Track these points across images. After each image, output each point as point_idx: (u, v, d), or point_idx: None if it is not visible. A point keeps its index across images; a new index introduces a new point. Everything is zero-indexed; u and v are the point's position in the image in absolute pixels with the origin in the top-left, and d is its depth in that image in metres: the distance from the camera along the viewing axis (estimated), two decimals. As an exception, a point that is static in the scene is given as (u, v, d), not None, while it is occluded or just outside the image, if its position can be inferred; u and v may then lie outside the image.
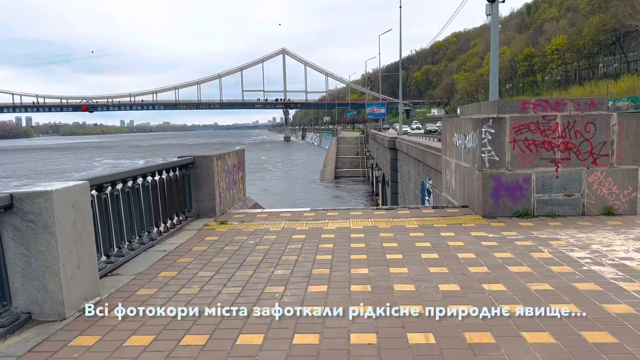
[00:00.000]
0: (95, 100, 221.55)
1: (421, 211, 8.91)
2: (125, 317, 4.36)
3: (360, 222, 8.11)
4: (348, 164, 72.67)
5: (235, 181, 10.46)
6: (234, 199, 10.27)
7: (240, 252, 6.46)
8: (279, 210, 9.40)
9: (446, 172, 11.01)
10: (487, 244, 6.48)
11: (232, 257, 6.26)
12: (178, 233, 7.72)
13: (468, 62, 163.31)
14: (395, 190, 29.28)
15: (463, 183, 9.40)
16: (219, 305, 4.50)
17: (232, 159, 10.22)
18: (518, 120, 8.03)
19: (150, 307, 4.46)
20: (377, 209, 9.19)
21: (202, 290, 5.03)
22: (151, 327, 4.16)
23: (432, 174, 16.16)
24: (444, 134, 11.39)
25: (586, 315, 4.12)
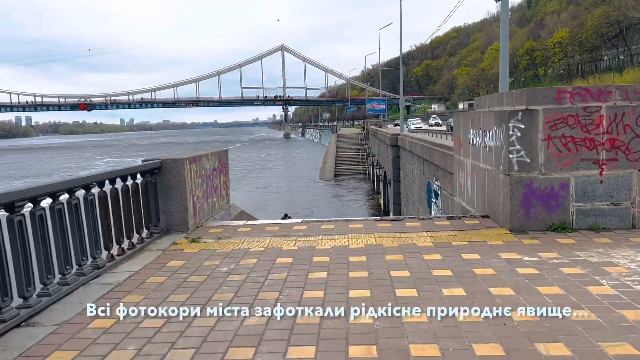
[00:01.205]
0: (93, 98, 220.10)
1: (434, 223, 7.45)
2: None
3: (362, 239, 6.65)
4: (348, 161, 71.21)
5: (216, 187, 9.01)
6: (213, 208, 8.81)
7: (207, 287, 4.99)
8: (265, 223, 7.94)
9: (459, 174, 9.55)
10: (525, 272, 5.03)
11: (194, 294, 4.80)
12: (138, 255, 6.27)
13: (468, 57, 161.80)
14: (398, 190, 27.78)
15: (482, 188, 7.94)
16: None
17: (211, 161, 8.76)
18: (553, 113, 6.56)
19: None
20: (382, 220, 7.75)
21: (140, 355, 3.57)
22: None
23: (440, 174, 14.69)
24: (456, 129, 9.92)
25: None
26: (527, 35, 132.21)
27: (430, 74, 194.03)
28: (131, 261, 6.02)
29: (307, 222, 7.83)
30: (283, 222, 7.91)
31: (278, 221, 8.10)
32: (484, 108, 8.62)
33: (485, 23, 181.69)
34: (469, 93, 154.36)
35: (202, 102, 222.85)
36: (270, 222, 7.95)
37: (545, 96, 6.71)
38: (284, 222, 7.91)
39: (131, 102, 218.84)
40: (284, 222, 7.91)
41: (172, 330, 3.95)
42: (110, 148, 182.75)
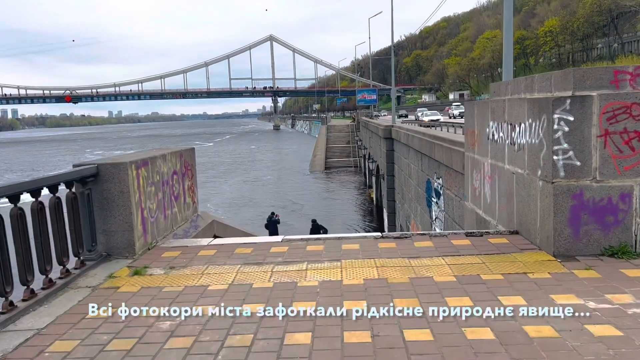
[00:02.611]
0: (79, 90, 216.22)
1: (450, 242, 5.82)
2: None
3: (359, 269, 5.02)
4: (339, 153, 69.54)
5: (178, 195, 7.33)
6: (174, 222, 7.15)
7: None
8: (235, 243, 6.27)
9: (474, 175, 7.93)
10: (601, 334, 3.42)
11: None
12: (56, 297, 4.60)
13: (459, 47, 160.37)
14: (392, 185, 26.15)
15: (508, 196, 6.33)
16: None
17: (170, 163, 7.07)
18: (612, 101, 4.95)
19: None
20: (383, 237, 6.12)
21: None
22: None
23: (442, 172, 13.08)
24: (468, 121, 8.30)
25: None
26: (517, 24, 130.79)
27: (420, 64, 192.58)
28: (42, 309, 4.35)
29: (288, 241, 6.19)
30: (258, 242, 6.26)
31: (252, 240, 6.43)
32: (505, 95, 6.99)
33: (475, 12, 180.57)
34: (459, 83, 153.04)
35: (190, 93, 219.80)
36: (242, 242, 6.28)
37: (597, 78, 5.09)
38: (259, 242, 6.26)
39: (117, 94, 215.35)
40: (260, 242, 6.25)
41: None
42: (99, 141, 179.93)
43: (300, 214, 37.75)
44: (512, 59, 17.48)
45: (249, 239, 6.43)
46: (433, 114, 47.02)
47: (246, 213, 39.92)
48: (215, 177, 63.81)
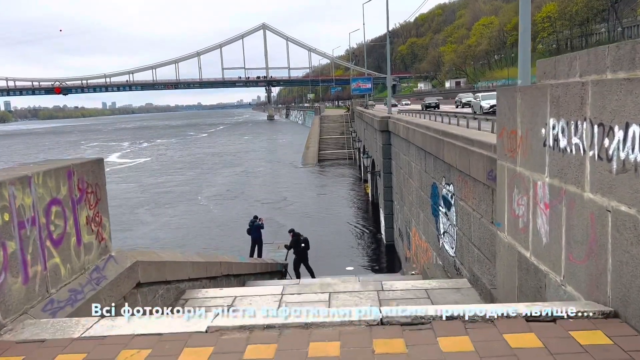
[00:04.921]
0: (69, 82, 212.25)
1: (500, 335, 3.23)
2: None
3: None
4: (332, 145, 66.83)
5: (62, 237, 4.71)
6: (53, 281, 4.54)
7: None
8: (128, 334, 3.65)
9: (516, 198, 5.32)
10: None
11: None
12: None
13: (454, 34, 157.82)
14: (389, 184, 23.49)
15: (593, 246, 3.74)
16: None
17: (43, 189, 4.45)
18: None
19: None
20: (383, 325, 3.54)
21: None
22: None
23: (453, 177, 10.46)
24: (503, 116, 5.69)
25: None
26: (514, 10, 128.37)
27: (415, 52, 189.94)
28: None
29: (219, 330, 3.58)
30: (167, 332, 3.64)
31: (157, 329, 3.78)
32: (572, 75, 4.37)
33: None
34: (455, 71, 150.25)
35: (182, 84, 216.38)
36: (139, 332, 3.66)
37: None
38: (168, 332, 3.64)
39: (108, 85, 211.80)
40: (170, 332, 3.63)
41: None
42: (95, 133, 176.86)
43: (289, 212, 35.21)
44: (529, 34, 14.81)
45: (154, 325, 3.79)
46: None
47: (234, 207, 37.54)
48: (210, 169, 61.48)
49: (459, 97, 43.82)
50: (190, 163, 68.03)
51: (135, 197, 44.42)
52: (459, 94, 48.40)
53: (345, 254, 25.45)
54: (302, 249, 18.03)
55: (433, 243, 13.63)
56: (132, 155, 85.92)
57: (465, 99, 40.98)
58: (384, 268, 23.33)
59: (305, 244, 18.10)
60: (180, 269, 7.48)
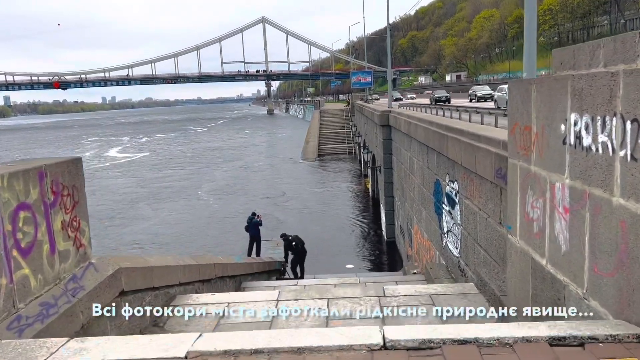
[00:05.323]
0: (67, 76, 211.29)
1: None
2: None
3: None
4: (332, 139, 66.29)
5: (32, 245, 4.28)
6: (21, 294, 4.11)
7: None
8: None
9: (530, 200, 4.89)
10: None
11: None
12: None
13: (455, 27, 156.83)
14: (390, 180, 23.03)
15: (623, 257, 3.31)
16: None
17: (9, 193, 4.02)
18: None
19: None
20: (386, 349, 3.13)
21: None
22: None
23: (458, 174, 10.02)
24: (515, 111, 5.25)
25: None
26: (516, 3, 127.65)
27: (416, 45, 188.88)
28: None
29: (202, 355, 3.15)
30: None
31: (129, 353, 3.36)
32: (595, 66, 3.92)
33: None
34: (456, 64, 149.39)
35: (181, 78, 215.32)
36: (110, 359, 3.24)
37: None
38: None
39: (107, 79, 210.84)
40: None
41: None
42: (95, 127, 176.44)
43: (289, 207, 34.80)
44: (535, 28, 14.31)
45: (126, 349, 3.36)
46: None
47: (234, 202, 37.16)
48: (210, 164, 61.09)
49: (472, 89, 37.97)
50: (190, 158, 67.67)
51: (135, 191, 44.07)
52: (473, 87, 41.75)
53: (345, 251, 25.02)
54: (300, 248, 17.57)
55: (436, 241, 13.20)
56: (132, 149, 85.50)
57: (480, 92, 35.06)
58: (384, 266, 22.90)
59: (296, 241, 17.54)
60: (169, 274, 7.05)
